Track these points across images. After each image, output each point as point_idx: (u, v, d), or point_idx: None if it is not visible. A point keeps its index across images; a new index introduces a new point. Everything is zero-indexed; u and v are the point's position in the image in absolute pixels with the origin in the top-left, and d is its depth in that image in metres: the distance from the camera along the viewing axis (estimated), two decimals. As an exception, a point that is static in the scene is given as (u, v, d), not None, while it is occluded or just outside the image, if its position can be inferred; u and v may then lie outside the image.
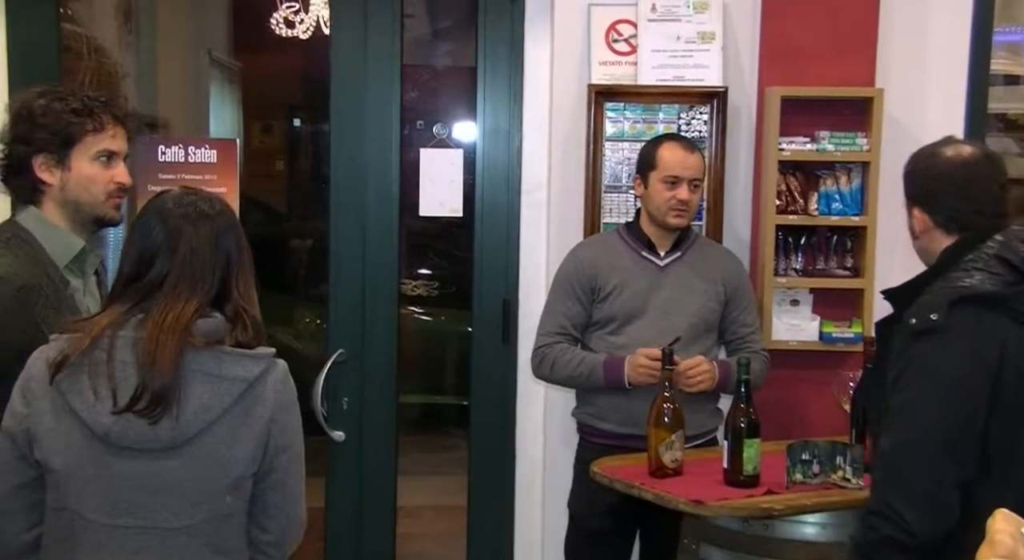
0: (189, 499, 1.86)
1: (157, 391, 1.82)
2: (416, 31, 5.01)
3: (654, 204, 3.15)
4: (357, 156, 3.59)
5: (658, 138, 3.25)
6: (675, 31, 3.45)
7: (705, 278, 3.18)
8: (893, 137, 3.41)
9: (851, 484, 2.68)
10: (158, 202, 1.95)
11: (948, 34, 3.49)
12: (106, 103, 2.27)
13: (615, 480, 2.84)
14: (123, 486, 1.85)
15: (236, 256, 1.94)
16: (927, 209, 2.19)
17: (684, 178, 3.11)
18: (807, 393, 3.37)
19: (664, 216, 3.13)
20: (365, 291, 3.61)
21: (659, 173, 3.12)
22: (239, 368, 1.87)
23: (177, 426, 1.83)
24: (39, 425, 1.86)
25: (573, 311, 3.17)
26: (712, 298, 3.18)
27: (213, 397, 1.84)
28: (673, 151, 3.13)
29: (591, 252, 3.23)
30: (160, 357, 1.82)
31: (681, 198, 3.11)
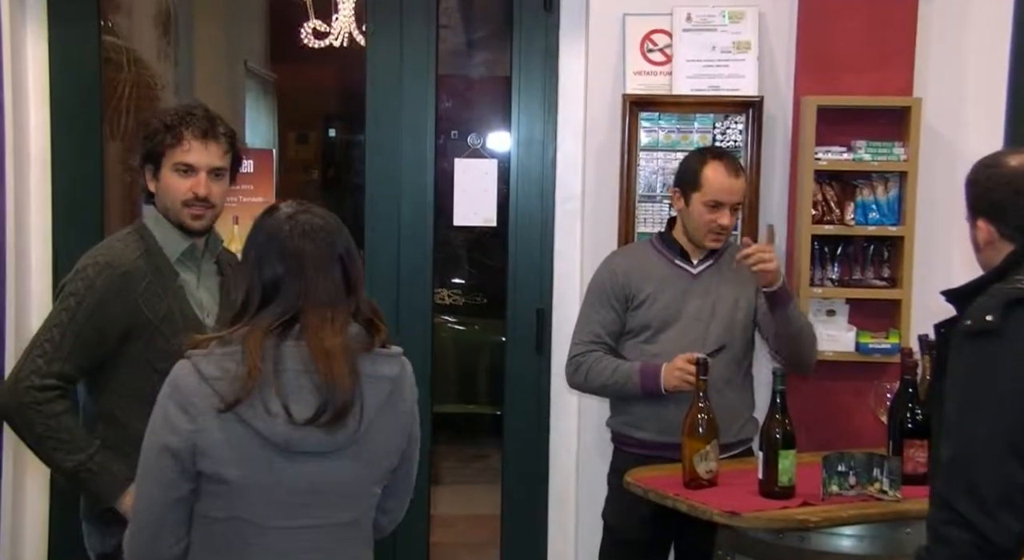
0: (351, 494, 1.96)
1: (340, 406, 1.86)
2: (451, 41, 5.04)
3: (693, 224, 3.11)
4: (392, 166, 3.61)
5: (703, 154, 3.16)
6: (710, 41, 3.44)
7: (738, 286, 3.16)
8: (931, 147, 3.38)
9: (888, 496, 2.66)
10: (271, 219, 1.97)
11: (987, 43, 3.46)
12: (187, 117, 2.47)
13: (649, 490, 2.82)
14: (299, 489, 1.90)
15: (356, 265, 1.98)
16: (993, 220, 2.13)
17: (728, 203, 3.07)
18: (843, 404, 3.35)
19: (702, 238, 3.11)
20: (399, 300, 3.62)
21: (702, 195, 3.07)
22: (387, 367, 1.96)
23: (351, 429, 1.89)
24: (208, 439, 1.86)
25: (608, 319, 3.17)
26: (745, 305, 3.16)
27: (373, 397, 1.92)
28: (719, 174, 3.06)
29: (625, 260, 3.22)
30: (339, 375, 1.86)
31: (723, 223, 3.07)
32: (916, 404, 2.87)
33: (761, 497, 2.70)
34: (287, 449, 1.86)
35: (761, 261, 2.96)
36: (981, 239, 2.17)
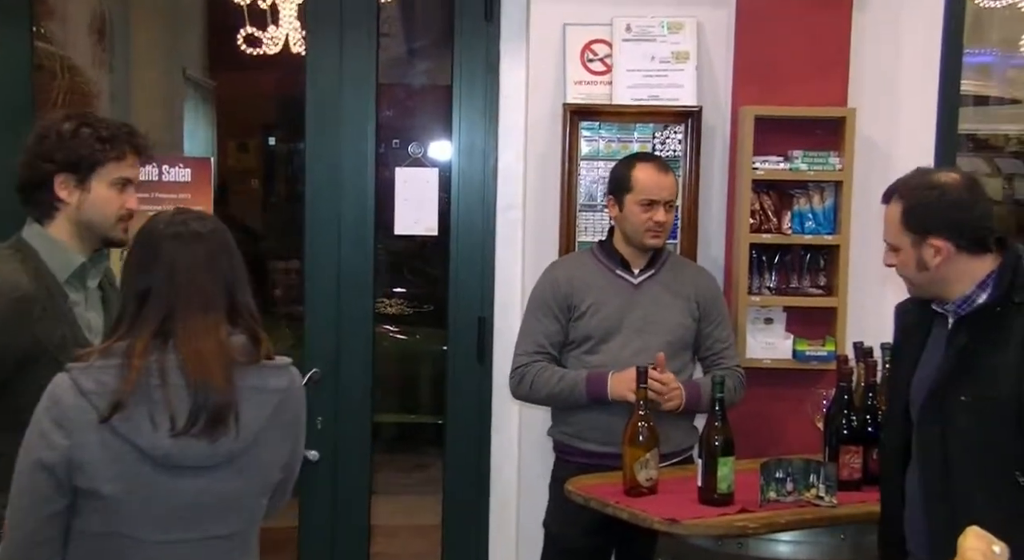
0: (234, 508, 1.94)
1: (213, 411, 1.84)
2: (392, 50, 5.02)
3: (630, 226, 3.14)
4: (332, 175, 3.59)
5: (630, 159, 3.24)
6: (650, 51, 3.47)
7: (679, 295, 3.19)
8: (865, 156, 3.44)
9: (824, 502, 2.69)
10: (150, 226, 1.96)
11: (919, 55, 3.53)
12: (130, 134, 2.41)
13: (590, 498, 2.84)
14: (179, 504, 1.88)
15: (235, 272, 1.96)
16: (951, 235, 2.29)
17: (660, 200, 3.11)
18: (781, 411, 3.38)
19: (641, 238, 3.13)
20: (340, 310, 3.60)
21: (635, 195, 3.11)
22: (275, 379, 1.95)
23: (237, 441, 1.88)
24: (84, 454, 1.83)
25: (551, 330, 3.17)
26: (686, 315, 3.19)
27: (259, 409, 1.91)
28: (648, 173, 3.13)
29: (566, 271, 3.23)
30: (212, 378, 1.84)
31: (658, 220, 3.11)
32: (852, 411, 2.92)
33: (701, 504, 2.72)
34: (167, 463, 1.84)
35: (669, 400, 3.01)
36: (935, 257, 2.31)
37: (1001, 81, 6.01)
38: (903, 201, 2.34)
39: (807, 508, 2.68)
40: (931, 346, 2.42)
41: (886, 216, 2.38)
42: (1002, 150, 6.17)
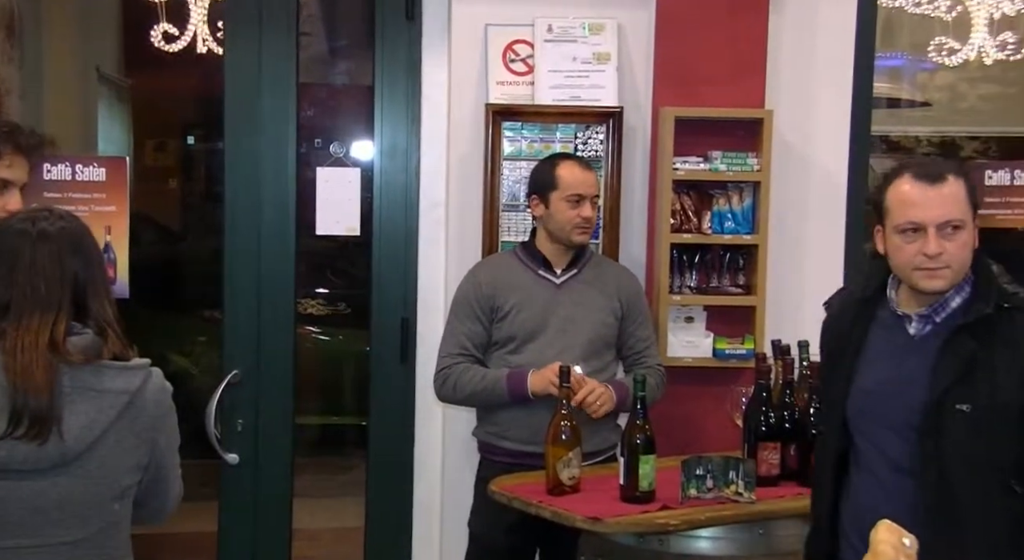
0: (79, 514, 1.88)
1: (35, 413, 1.79)
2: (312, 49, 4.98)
3: (557, 223, 3.17)
4: (252, 175, 3.54)
5: (552, 158, 3.27)
6: (571, 52, 3.49)
7: (602, 294, 3.21)
8: (782, 157, 3.50)
9: (743, 498, 2.73)
10: (1, 225, 1.93)
11: (833, 59, 3.59)
12: (10, 133, 2.32)
13: (514, 498, 2.84)
14: (14, 508, 1.83)
15: (86, 273, 1.93)
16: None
17: (587, 196, 3.15)
18: (701, 409, 3.42)
19: (569, 234, 3.16)
20: (261, 311, 3.56)
21: (561, 192, 3.15)
22: (120, 381, 1.90)
23: (65, 444, 1.82)
24: None
25: (474, 331, 3.18)
26: (609, 314, 3.21)
27: (98, 412, 1.86)
28: (572, 170, 3.17)
29: (489, 272, 3.24)
30: (30, 379, 1.80)
31: (585, 215, 3.14)
32: (770, 408, 2.97)
33: (623, 502, 2.74)
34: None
35: (601, 406, 3.03)
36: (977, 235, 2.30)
37: (911, 84, 6.17)
38: (963, 177, 2.25)
39: (727, 504, 2.72)
40: (883, 354, 2.32)
41: (948, 195, 2.21)
42: (913, 151, 6.34)
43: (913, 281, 2.25)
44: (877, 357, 2.33)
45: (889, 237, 2.27)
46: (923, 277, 2.23)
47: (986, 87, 6.23)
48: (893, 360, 2.30)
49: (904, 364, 2.28)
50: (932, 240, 2.20)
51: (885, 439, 2.29)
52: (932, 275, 2.23)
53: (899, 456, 2.26)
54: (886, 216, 2.27)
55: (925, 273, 2.23)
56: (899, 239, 2.24)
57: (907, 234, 2.22)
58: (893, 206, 2.25)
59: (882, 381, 2.30)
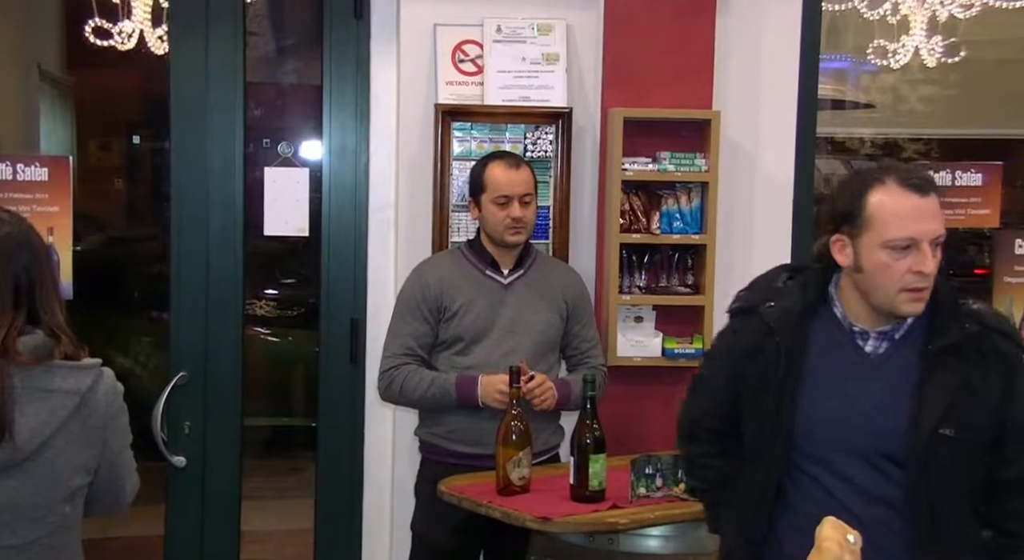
0: (29, 516, 1.85)
1: None
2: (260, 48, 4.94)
3: (490, 225, 3.15)
4: (199, 174, 3.51)
5: (483, 159, 3.24)
6: (520, 52, 3.49)
7: (548, 295, 3.21)
8: (730, 158, 3.53)
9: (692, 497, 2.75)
10: None
11: (779, 60, 3.63)
12: None
13: (463, 498, 2.84)
14: None
15: (34, 273, 1.91)
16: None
17: (514, 195, 3.11)
18: (651, 408, 3.44)
19: (502, 235, 3.14)
20: (208, 312, 3.52)
21: (489, 194, 3.13)
22: (71, 381, 1.88)
23: (15, 445, 1.80)
24: None
25: (420, 331, 3.15)
26: (555, 315, 3.21)
27: (49, 412, 1.84)
28: (499, 170, 3.14)
29: (435, 271, 3.21)
30: None
31: (514, 216, 3.11)
32: (718, 406, 2.98)
33: (573, 502, 2.75)
34: None
35: (544, 401, 3.04)
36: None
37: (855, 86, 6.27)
38: (937, 194, 2.07)
39: (675, 503, 2.74)
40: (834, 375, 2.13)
41: (934, 210, 2.05)
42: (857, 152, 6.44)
43: (894, 303, 2.05)
44: (827, 378, 2.13)
45: (868, 252, 2.05)
46: (909, 299, 2.04)
47: (927, 89, 6.35)
48: (849, 382, 2.12)
49: (864, 387, 2.11)
50: (929, 258, 2.01)
51: (850, 468, 2.10)
52: (919, 297, 2.04)
53: (871, 486, 2.09)
54: (865, 228, 2.04)
55: (912, 295, 2.03)
56: (886, 255, 2.03)
57: (897, 250, 2.02)
58: (880, 218, 2.03)
59: (840, 406, 2.11)
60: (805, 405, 2.13)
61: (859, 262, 2.07)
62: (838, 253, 2.12)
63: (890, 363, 2.12)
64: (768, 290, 2.23)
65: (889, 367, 2.11)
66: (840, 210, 2.11)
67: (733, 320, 2.28)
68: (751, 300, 2.24)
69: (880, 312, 2.10)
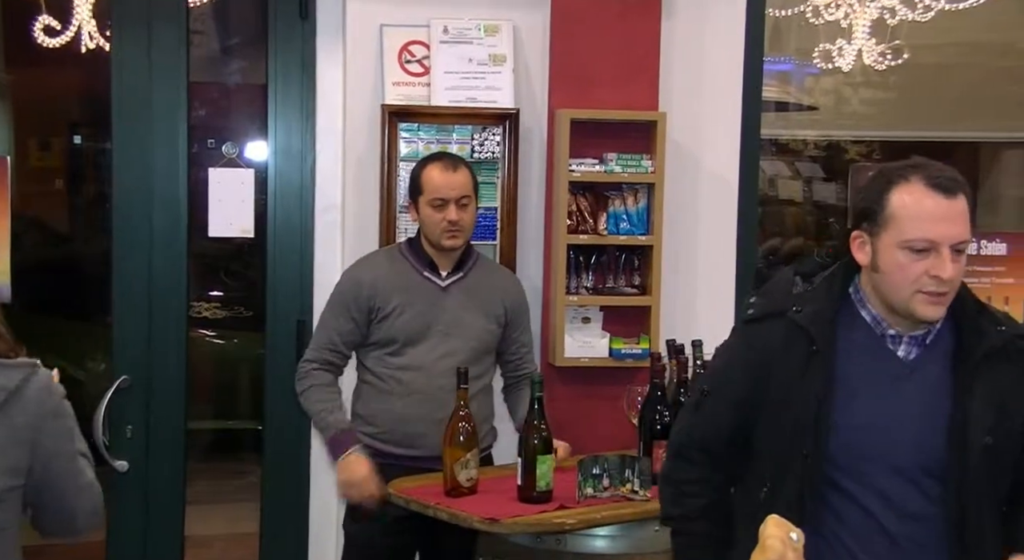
0: None
1: None
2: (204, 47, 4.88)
3: (427, 228, 3.11)
4: (142, 175, 3.47)
5: (422, 160, 3.21)
6: (467, 53, 3.49)
7: (487, 300, 3.18)
8: (675, 159, 3.55)
9: (639, 496, 2.77)
10: None
11: (723, 63, 3.67)
12: None
13: (411, 500, 2.83)
14: None
15: None
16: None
17: (451, 198, 3.06)
18: (598, 408, 3.45)
19: (438, 239, 3.09)
20: (152, 315, 3.48)
21: (426, 196, 3.08)
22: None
23: None
24: None
25: (346, 329, 3.12)
26: (493, 320, 3.18)
27: None
28: (435, 172, 3.09)
29: (371, 271, 3.17)
30: None
31: (451, 219, 3.06)
32: (664, 406, 3.01)
33: (520, 502, 2.75)
34: None
35: None
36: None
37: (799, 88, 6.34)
38: (966, 195, 1.99)
39: (622, 502, 2.75)
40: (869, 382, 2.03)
41: (962, 211, 1.97)
42: (801, 154, 6.52)
43: (910, 305, 1.98)
44: (863, 385, 2.02)
45: (886, 250, 1.98)
46: (924, 302, 1.97)
47: (868, 92, 6.44)
48: (886, 389, 2.02)
49: (902, 394, 2.02)
50: (948, 262, 1.94)
51: (888, 483, 2.00)
52: (937, 301, 1.97)
53: (904, 501, 2.00)
54: (885, 225, 1.98)
55: (928, 298, 1.96)
56: (904, 256, 1.96)
57: (914, 252, 1.95)
58: (902, 216, 1.95)
59: (879, 415, 2.01)
60: (843, 415, 2.00)
61: (876, 261, 2.00)
62: (857, 250, 2.04)
63: (924, 370, 2.03)
64: (789, 295, 2.10)
65: (924, 374, 2.03)
66: (862, 207, 2.04)
67: (748, 329, 2.12)
68: (772, 306, 2.10)
69: (899, 314, 2.02)
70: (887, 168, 2.04)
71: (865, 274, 2.06)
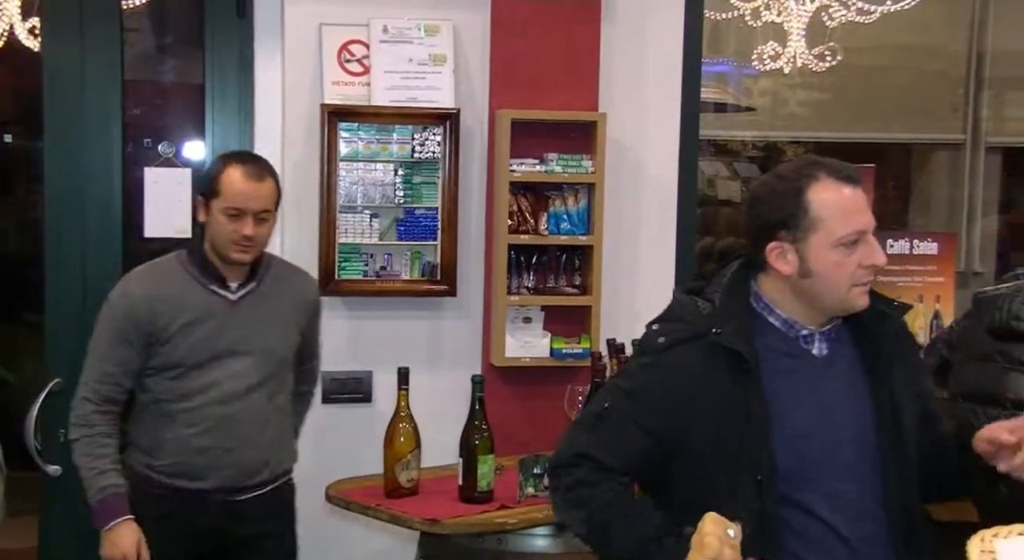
0: None
1: None
2: (140, 45, 4.81)
3: (215, 236, 2.73)
4: (75, 175, 3.41)
5: (223, 158, 2.84)
6: (407, 53, 3.48)
7: (285, 309, 2.86)
8: (616, 160, 3.57)
9: (580, 495, 2.77)
10: None
11: (662, 64, 3.70)
12: None
13: (351, 503, 2.82)
14: None
15: None
16: None
17: (249, 210, 2.70)
18: (539, 408, 3.46)
19: (226, 251, 2.72)
20: (85, 316, 3.40)
21: (220, 202, 2.71)
22: None
23: None
24: None
25: (124, 357, 2.73)
26: (293, 332, 2.88)
27: None
28: (237, 178, 2.71)
29: (148, 289, 2.76)
30: None
31: (245, 233, 2.69)
32: (605, 405, 3.02)
33: (462, 503, 2.75)
34: None
35: None
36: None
37: (737, 89, 6.42)
38: (861, 186, 2.01)
39: (564, 501, 2.76)
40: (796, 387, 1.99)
41: (865, 199, 2.00)
42: (739, 155, 6.60)
43: (848, 301, 1.97)
44: (791, 393, 1.98)
45: (817, 253, 1.95)
46: (860, 294, 1.97)
47: (805, 93, 6.54)
48: (814, 391, 1.99)
49: (829, 393, 2.00)
50: (879, 248, 1.96)
51: (837, 486, 1.97)
52: (867, 289, 1.98)
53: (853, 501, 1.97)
54: (812, 228, 1.94)
55: (862, 288, 1.96)
56: (838, 253, 1.94)
57: (847, 247, 1.94)
58: (828, 215, 1.93)
59: (816, 417, 1.97)
60: (784, 426, 1.95)
61: (807, 266, 1.96)
62: (778, 262, 1.98)
63: (838, 363, 2.03)
64: (700, 317, 2.02)
65: (840, 367, 2.03)
66: (775, 217, 1.97)
67: (662, 358, 2.01)
68: (689, 330, 2.01)
69: (829, 314, 2.00)
70: (784, 174, 2.00)
71: (772, 281, 2.02)
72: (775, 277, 2.01)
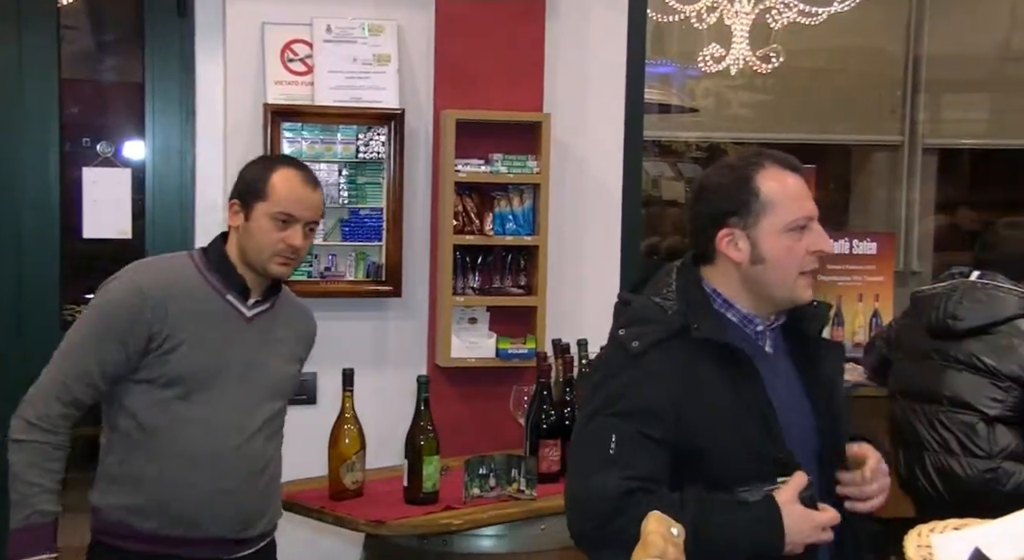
0: None
1: None
2: (78, 44, 4.74)
3: (255, 244, 2.40)
4: (11, 175, 3.37)
5: (271, 161, 2.67)
6: (351, 52, 3.46)
7: (290, 337, 2.56)
8: (560, 160, 3.59)
9: (525, 495, 2.78)
10: None
11: (606, 64, 3.71)
12: None
13: (296, 505, 2.79)
14: None
15: None
16: None
17: (301, 219, 2.42)
18: (485, 408, 3.46)
19: (266, 262, 2.41)
20: (22, 318, 3.37)
21: (269, 206, 2.39)
22: None
23: None
24: None
25: (111, 358, 2.32)
26: (295, 361, 2.58)
27: None
28: (292, 183, 2.42)
29: (163, 285, 2.39)
30: None
31: (293, 243, 2.40)
32: (550, 406, 3.03)
33: (407, 504, 2.75)
34: None
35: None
36: None
37: (681, 90, 6.48)
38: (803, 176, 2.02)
39: (509, 502, 2.76)
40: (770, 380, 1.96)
41: (807, 191, 2.00)
42: (683, 155, 6.66)
43: (794, 290, 1.96)
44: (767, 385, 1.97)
45: (767, 238, 1.94)
46: (806, 285, 1.96)
47: (747, 95, 6.61)
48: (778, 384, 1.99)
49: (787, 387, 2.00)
50: (826, 236, 1.96)
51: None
52: (812, 281, 1.98)
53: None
54: (763, 213, 1.94)
55: (808, 279, 1.96)
56: (788, 238, 1.94)
57: (796, 231, 1.94)
58: (778, 200, 1.94)
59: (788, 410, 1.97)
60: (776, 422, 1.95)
61: (759, 252, 1.94)
62: (729, 249, 1.96)
63: (782, 362, 2.03)
64: (668, 316, 1.96)
65: (784, 365, 2.02)
66: (725, 205, 1.96)
67: (641, 362, 1.92)
68: (664, 331, 1.94)
69: (776, 305, 1.99)
70: (731, 165, 2.01)
71: (724, 274, 1.99)
72: (724, 269, 1.99)
